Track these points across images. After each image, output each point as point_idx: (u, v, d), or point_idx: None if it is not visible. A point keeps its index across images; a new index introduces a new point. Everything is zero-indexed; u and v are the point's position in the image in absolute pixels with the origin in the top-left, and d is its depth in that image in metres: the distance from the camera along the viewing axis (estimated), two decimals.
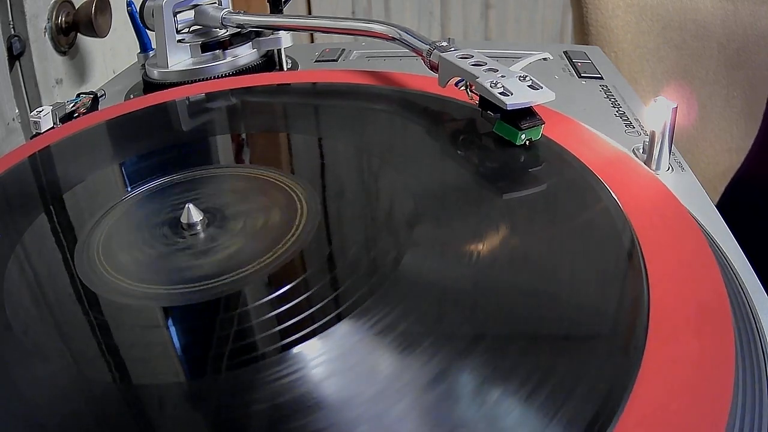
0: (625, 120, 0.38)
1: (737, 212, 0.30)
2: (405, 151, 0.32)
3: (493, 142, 0.31)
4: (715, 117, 0.63)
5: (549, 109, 0.31)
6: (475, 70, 0.32)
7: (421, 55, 0.36)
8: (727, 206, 0.29)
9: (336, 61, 0.51)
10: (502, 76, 0.31)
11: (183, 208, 0.27)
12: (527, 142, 0.30)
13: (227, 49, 0.47)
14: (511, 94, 0.29)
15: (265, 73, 0.47)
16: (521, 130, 0.29)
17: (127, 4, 0.51)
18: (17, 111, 0.56)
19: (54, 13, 0.57)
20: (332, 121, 0.37)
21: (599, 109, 0.39)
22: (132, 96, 0.47)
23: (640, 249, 0.23)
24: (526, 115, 0.30)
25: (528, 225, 0.25)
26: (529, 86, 0.30)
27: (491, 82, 0.30)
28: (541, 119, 0.30)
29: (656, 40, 0.63)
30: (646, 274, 0.21)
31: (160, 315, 0.23)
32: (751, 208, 0.59)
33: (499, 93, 0.29)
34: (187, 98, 0.41)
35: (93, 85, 0.63)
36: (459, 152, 0.31)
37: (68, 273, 0.25)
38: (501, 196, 0.27)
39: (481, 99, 0.31)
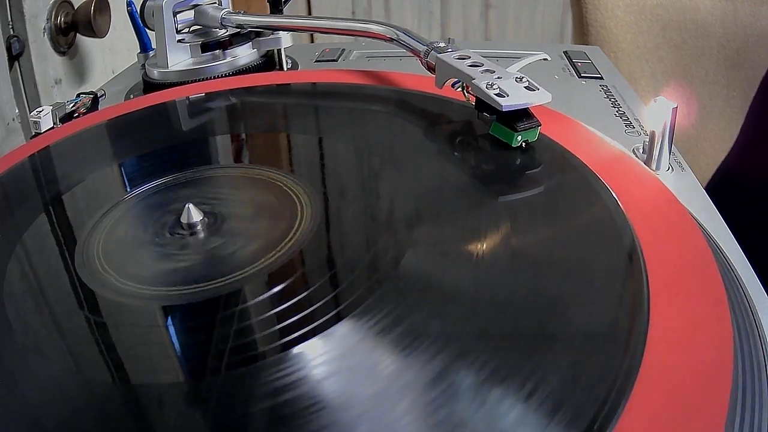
0: (625, 120, 0.38)
1: (723, 202, 0.30)
2: (405, 151, 0.32)
3: (493, 142, 0.31)
4: (715, 117, 0.63)
5: (549, 109, 0.31)
6: (471, 71, 0.31)
7: (419, 56, 0.36)
8: (712, 196, 0.29)
9: (336, 61, 0.52)
10: (499, 78, 0.31)
11: (183, 208, 0.27)
12: (524, 144, 0.30)
13: (227, 49, 0.47)
14: (507, 96, 0.29)
15: (265, 73, 0.47)
16: (517, 131, 0.29)
17: (127, 4, 0.51)
18: (17, 111, 0.56)
19: (53, 14, 0.57)
20: (332, 121, 0.37)
21: (599, 109, 0.39)
22: (132, 96, 0.47)
23: (640, 249, 0.23)
24: (523, 116, 0.29)
25: (528, 225, 0.25)
26: (525, 87, 0.30)
27: (487, 84, 0.30)
28: (538, 121, 0.30)
29: (656, 40, 0.63)
30: (646, 274, 0.21)
31: (160, 315, 0.23)
32: (737, 198, 0.60)
33: (495, 94, 0.29)
34: (187, 98, 0.41)
35: (92, 85, 0.63)
36: (459, 152, 0.31)
37: (68, 273, 0.25)
38: (501, 196, 0.27)
39: (478, 100, 0.31)
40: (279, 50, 0.48)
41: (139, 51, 0.52)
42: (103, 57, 0.66)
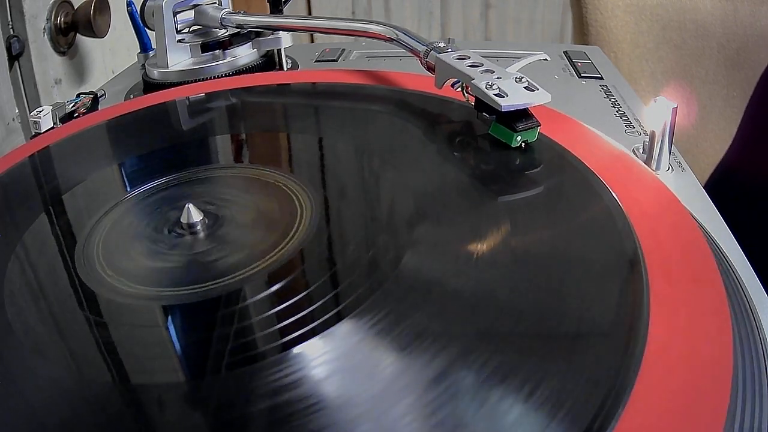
0: (625, 120, 0.38)
1: (722, 200, 0.30)
2: (405, 151, 0.32)
3: (493, 142, 0.31)
4: (715, 117, 0.63)
5: (549, 109, 0.31)
6: (471, 72, 0.31)
7: (419, 56, 0.36)
8: (710, 195, 0.29)
9: (336, 61, 0.52)
10: (498, 78, 0.30)
11: (183, 208, 0.27)
12: (523, 144, 0.30)
13: (227, 49, 0.47)
14: (507, 96, 0.29)
15: (265, 73, 0.47)
16: (516, 131, 0.29)
17: (127, 4, 0.51)
18: (17, 111, 0.56)
19: (53, 14, 0.57)
20: (332, 121, 0.37)
21: (599, 109, 0.39)
22: (132, 96, 0.47)
23: (640, 249, 0.23)
24: (522, 116, 0.29)
25: (529, 225, 0.25)
26: (525, 88, 0.30)
27: (486, 84, 0.30)
28: (537, 121, 0.30)
29: (656, 40, 0.63)
30: (646, 274, 0.21)
31: (160, 315, 0.23)
32: (736, 195, 0.60)
33: (494, 95, 0.29)
34: (187, 98, 0.41)
35: (92, 85, 0.63)
36: (459, 152, 0.31)
37: (68, 273, 0.25)
38: (501, 195, 0.27)
39: (477, 100, 0.31)
40: (279, 50, 0.48)
41: (139, 51, 0.52)
42: (103, 57, 0.66)
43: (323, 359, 0.19)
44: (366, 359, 0.19)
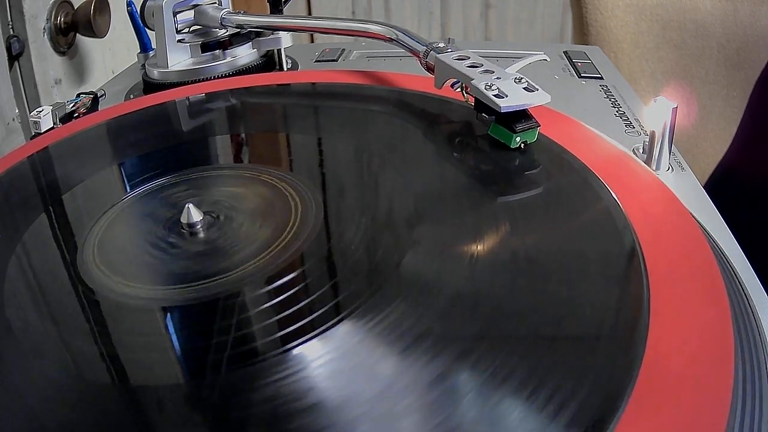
0: (625, 120, 0.38)
1: (722, 200, 0.30)
2: (405, 151, 0.32)
3: (492, 143, 0.31)
4: (715, 117, 0.63)
5: (549, 109, 0.31)
6: (470, 72, 0.31)
7: (418, 56, 0.36)
8: (710, 195, 0.29)
9: (336, 61, 0.52)
10: (497, 78, 0.30)
11: (183, 208, 0.27)
12: (522, 145, 0.30)
13: (227, 49, 0.47)
14: (506, 97, 0.29)
15: (265, 73, 0.47)
16: (516, 132, 0.29)
17: (127, 4, 0.51)
18: (17, 111, 0.56)
19: (53, 14, 0.57)
20: (332, 122, 0.37)
21: (599, 109, 0.39)
22: (132, 96, 0.47)
23: (640, 249, 0.23)
24: (521, 117, 0.29)
25: (528, 225, 0.25)
26: (524, 88, 0.30)
27: (486, 84, 0.30)
28: (537, 121, 0.30)
29: (656, 40, 0.63)
30: (646, 274, 0.21)
31: (159, 315, 0.23)
32: (736, 195, 0.60)
33: (494, 95, 0.29)
34: (187, 98, 0.41)
35: (92, 85, 0.63)
36: (460, 152, 0.31)
37: (68, 273, 0.25)
38: (501, 195, 0.27)
39: (477, 101, 0.31)
40: (279, 50, 0.48)
41: (139, 51, 0.52)
42: (103, 57, 0.66)
43: (323, 360, 0.19)
44: (365, 360, 0.19)
